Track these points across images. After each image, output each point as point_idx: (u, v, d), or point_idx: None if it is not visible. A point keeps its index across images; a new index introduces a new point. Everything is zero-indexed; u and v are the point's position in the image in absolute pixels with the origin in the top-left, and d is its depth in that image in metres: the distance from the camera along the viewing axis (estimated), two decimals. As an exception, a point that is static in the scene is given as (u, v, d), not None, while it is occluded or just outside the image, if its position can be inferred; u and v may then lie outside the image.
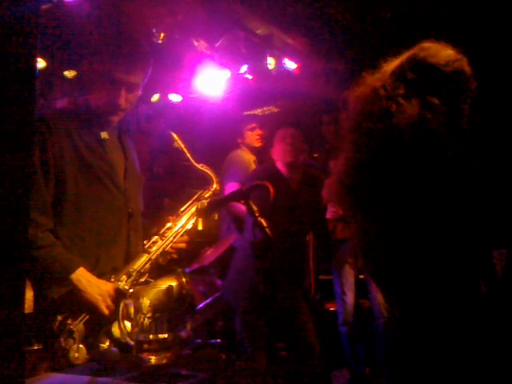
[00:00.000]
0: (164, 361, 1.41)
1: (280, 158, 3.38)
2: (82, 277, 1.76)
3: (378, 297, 3.42)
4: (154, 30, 3.31)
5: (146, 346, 1.41)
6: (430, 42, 1.40)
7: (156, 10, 3.21)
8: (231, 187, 3.55)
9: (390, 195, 1.32)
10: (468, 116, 1.36)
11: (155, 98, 4.29)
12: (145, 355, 1.41)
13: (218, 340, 2.83)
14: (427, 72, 1.34)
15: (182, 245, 2.00)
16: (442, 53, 1.36)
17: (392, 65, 1.40)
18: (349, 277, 3.82)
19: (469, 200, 1.32)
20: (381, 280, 1.46)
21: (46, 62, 3.50)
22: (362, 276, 3.79)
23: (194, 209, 2.03)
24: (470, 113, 1.37)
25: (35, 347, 1.65)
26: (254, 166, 4.04)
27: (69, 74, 3.55)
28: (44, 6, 2.74)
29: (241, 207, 3.47)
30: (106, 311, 1.75)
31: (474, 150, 1.33)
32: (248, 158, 4.12)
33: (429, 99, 1.31)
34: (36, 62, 0.93)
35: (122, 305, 1.65)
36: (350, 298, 3.80)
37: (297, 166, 3.39)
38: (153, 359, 1.40)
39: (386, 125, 1.30)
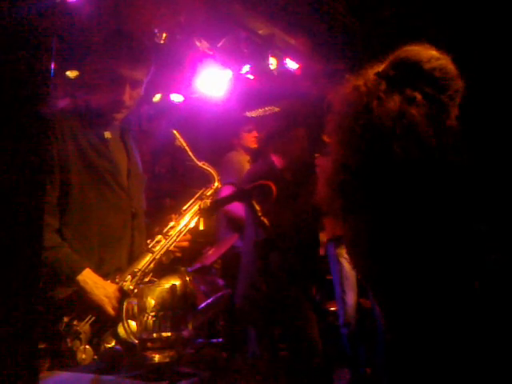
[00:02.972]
0: (167, 359, 1.42)
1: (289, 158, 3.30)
2: (89, 278, 1.76)
3: None
4: (156, 31, 3.31)
5: (149, 344, 1.42)
6: (413, 45, 1.41)
7: (158, 11, 3.21)
8: (226, 190, 3.53)
9: (377, 192, 1.31)
10: (456, 113, 1.36)
11: (157, 97, 4.28)
12: (148, 353, 1.42)
13: (220, 339, 2.83)
14: (409, 69, 1.35)
15: (185, 243, 2.00)
16: (424, 52, 1.38)
17: (376, 68, 1.41)
18: (349, 275, 3.74)
19: (458, 193, 1.32)
20: (373, 284, 1.45)
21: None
22: None
23: (196, 207, 2.04)
24: (458, 110, 1.37)
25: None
26: (247, 166, 4.06)
27: (71, 74, 3.55)
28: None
29: (238, 212, 3.47)
30: (113, 313, 1.74)
31: (464, 145, 1.33)
32: (241, 159, 4.17)
33: (410, 94, 1.31)
34: (51, 60, 0.93)
35: (125, 304, 1.66)
36: (350, 297, 3.74)
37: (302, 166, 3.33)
38: (156, 357, 1.41)
39: (368, 120, 1.30)
